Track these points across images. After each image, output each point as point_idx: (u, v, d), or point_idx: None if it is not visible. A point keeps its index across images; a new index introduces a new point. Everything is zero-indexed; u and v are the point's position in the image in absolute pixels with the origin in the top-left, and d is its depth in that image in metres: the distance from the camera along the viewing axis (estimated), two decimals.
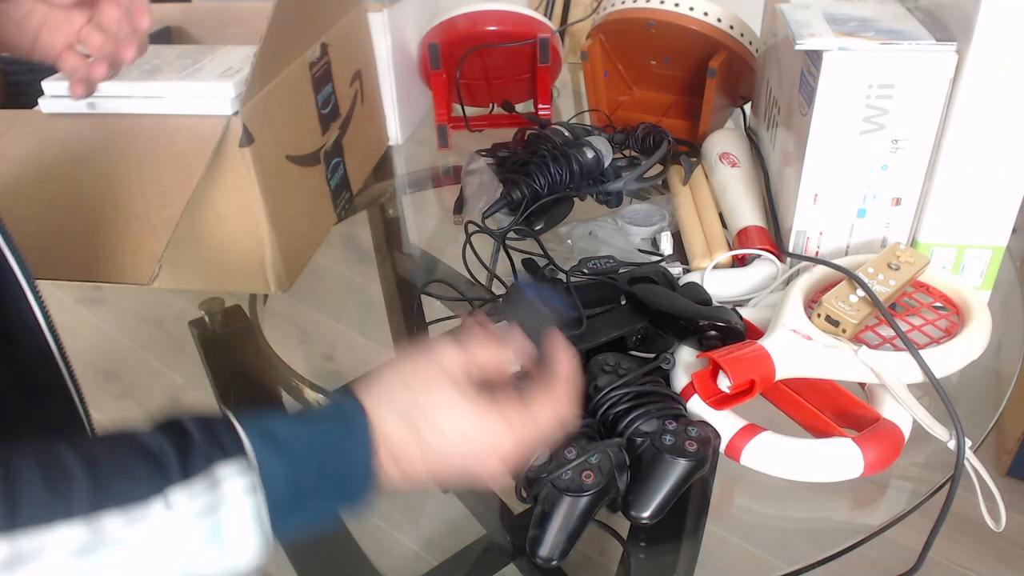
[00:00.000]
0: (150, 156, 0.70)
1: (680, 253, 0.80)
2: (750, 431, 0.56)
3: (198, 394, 0.75)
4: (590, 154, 0.87)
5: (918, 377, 0.57)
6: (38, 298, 0.48)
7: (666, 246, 0.80)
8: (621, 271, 0.72)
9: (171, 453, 0.33)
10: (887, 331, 0.61)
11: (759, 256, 0.74)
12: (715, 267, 0.74)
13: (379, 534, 0.57)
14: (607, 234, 0.82)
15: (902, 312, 0.65)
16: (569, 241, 0.83)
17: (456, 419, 0.41)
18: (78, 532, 0.30)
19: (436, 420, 0.41)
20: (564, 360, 0.47)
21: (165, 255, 0.65)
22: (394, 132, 1.08)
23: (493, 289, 0.77)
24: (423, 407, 0.41)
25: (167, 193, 0.68)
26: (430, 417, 0.41)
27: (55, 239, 0.69)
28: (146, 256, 0.66)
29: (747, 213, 0.78)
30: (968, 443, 0.54)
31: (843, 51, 0.62)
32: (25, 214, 0.70)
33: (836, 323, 0.60)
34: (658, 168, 0.91)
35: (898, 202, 0.67)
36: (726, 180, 0.84)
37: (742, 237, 0.76)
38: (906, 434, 0.56)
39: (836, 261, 0.65)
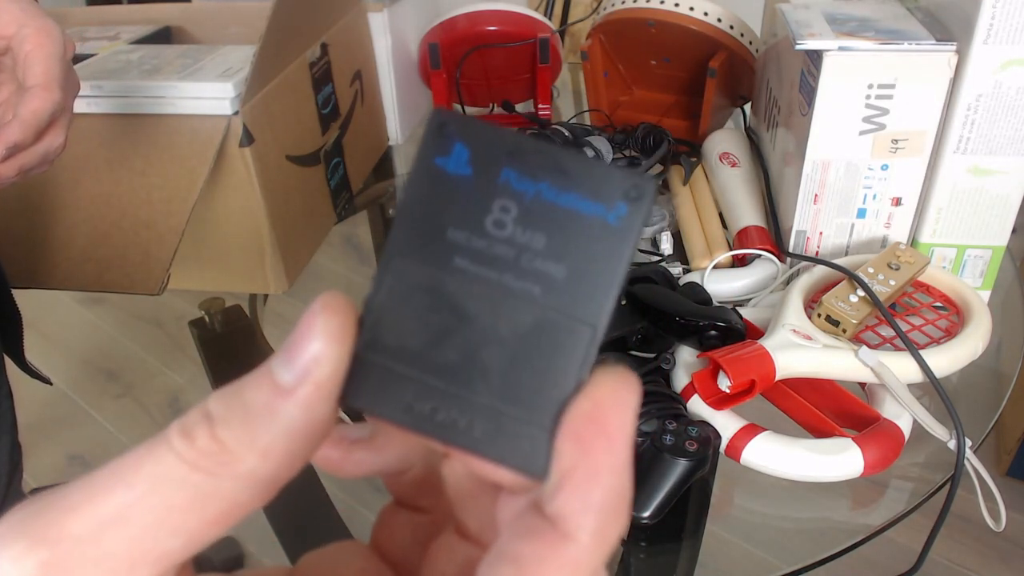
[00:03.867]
0: (153, 159, 0.70)
1: (680, 253, 0.80)
2: (750, 431, 0.56)
3: (198, 394, 0.75)
4: (590, 154, 0.87)
5: (918, 377, 0.57)
6: None
7: (666, 246, 0.80)
8: None
9: None
10: (887, 331, 0.61)
11: (759, 256, 0.74)
12: (715, 267, 0.74)
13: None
14: None
15: (902, 312, 0.65)
16: None
17: None
18: None
19: None
20: (606, 433, 0.16)
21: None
22: (394, 132, 1.07)
23: None
24: None
25: (172, 200, 0.68)
26: None
27: (65, 248, 0.69)
28: (155, 265, 0.66)
29: (747, 213, 0.78)
30: (968, 443, 0.54)
31: (843, 51, 0.62)
32: (34, 222, 0.69)
33: (836, 323, 0.60)
34: (658, 168, 0.91)
35: (898, 202, 0.67)
36: (726, 180, 0.84)
37: (742, 237, 0.76)
38: (906, 434, 0.56)
39: (836, 261, 0.65)
